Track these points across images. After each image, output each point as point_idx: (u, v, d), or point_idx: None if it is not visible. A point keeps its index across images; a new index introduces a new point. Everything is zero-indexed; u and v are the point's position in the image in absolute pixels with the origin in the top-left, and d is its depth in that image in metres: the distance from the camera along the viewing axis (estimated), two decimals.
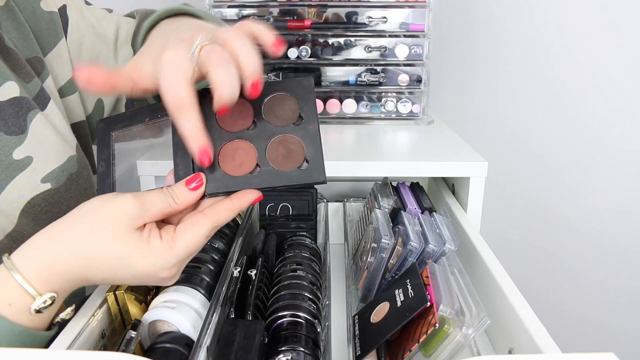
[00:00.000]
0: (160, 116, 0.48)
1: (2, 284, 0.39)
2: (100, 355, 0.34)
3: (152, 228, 0.42)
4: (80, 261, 0.39)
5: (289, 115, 0.46)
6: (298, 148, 0.45)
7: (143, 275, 0.41)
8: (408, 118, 0.87)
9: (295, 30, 0.84)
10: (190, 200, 0.43)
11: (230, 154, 0.45)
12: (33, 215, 0.52)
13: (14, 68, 0.55)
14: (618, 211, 1.12)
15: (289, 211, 0.69)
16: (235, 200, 0.43)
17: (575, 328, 1.22)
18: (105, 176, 0.48)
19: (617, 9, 0.99)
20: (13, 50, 0.55)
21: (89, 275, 0.40)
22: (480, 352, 0.46)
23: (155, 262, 0.40)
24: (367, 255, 0.57)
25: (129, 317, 0.50)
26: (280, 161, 0.45)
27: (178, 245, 0.41)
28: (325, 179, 0.44)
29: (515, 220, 1.17)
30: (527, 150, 1.11)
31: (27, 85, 0.56)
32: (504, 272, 0.51)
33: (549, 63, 1.05)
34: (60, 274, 0.40)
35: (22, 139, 0.52)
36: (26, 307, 0.39)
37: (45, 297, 0.39)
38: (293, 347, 0.44)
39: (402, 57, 0.85)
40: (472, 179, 0.65)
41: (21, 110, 0.53)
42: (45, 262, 0.39)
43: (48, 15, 0.60)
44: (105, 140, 0.49)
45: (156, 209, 0.42)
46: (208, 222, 0.42)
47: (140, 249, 0.40)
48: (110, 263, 0.40)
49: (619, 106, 1.05)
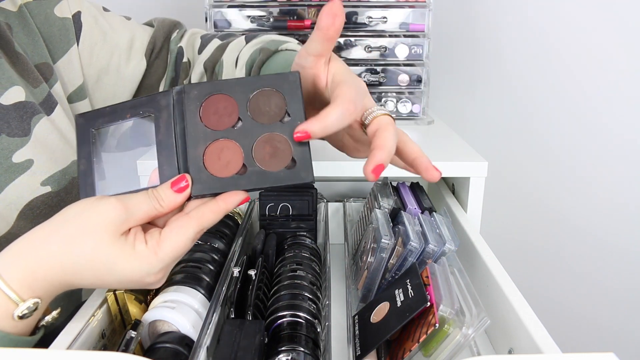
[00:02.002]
0: (141, 113, 0.46)
1: None
2: (100, 355, 0.34)
3: (137, 232, 0.41)
4: (65, 266, 0.39)
5: (275, 112, 0.44)
6: (285, 147, 0.43)
7: (129, 281, 0.40)
8: (408, 118, 0.87)
9: (295, 30, 0.84)
10: (175, 202, 0.42)
11: (216, 153, 0.44)
12: (31, 218, 0.52)
13: (22, 73, 0.55)
14: (618, 211, 1.12)
15: (289, 211, 0.69)
16: (221, 202, 0.43)
17: (575, 328, 1.22)
18: (87, 175, 0.46)
19: (618, 9, 0.99)
20: (22, 56, 0.55)
21: (73, 280, 0.40)
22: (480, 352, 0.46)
23: (141, 267, 0.40)
24: (367, 255, 0.57)
25: (129, 317, 0.50)
26: (267, 160, 0.43)
27: (163, 249, 0.40)
28: (314, 179, 0.43)
29: (515, 220, 1.17)
30: (527, 150, 1.11)
31: (35, 90, 0.56)
32: (504, 272, 0.51)
33: (549, 63, 1.05)
34: (44, 279, 0.39)
35: (24, 141, 0.53)
36: (9, 314, 0.38)
37: (29, 302, 0.38)
38: (293, 347, 0.44)
39: (402, 57, 0.85)
40: (472, 179, 0.65)
41: (25, 114, 0.53)
42: (29, 267, 0.38)
43: (61, 21, 0.60)
44: (85, 137, 0.47)
45: (141, 213, 0.41)
46: (193, 225, 0.41)
47: (125, 255, 0.39)
48: (95, 268, 0.39)
49: (619, 106, 1.05)
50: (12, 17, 0.56)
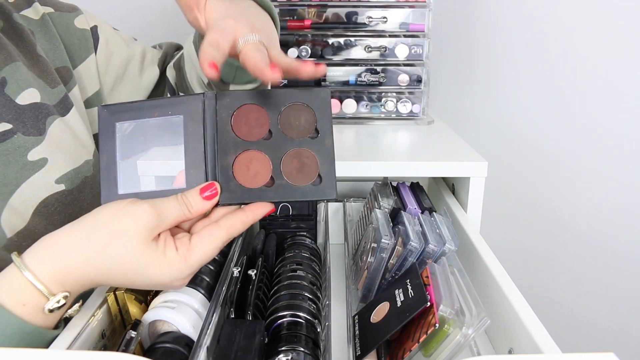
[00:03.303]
0: (170, 113, 0.46)
1: (15, 284, 0.39)
2: (100, 355, 0.34)
3: (167, 238, 0.43)
4: (96, 268, 0.41)
5: (305, 128, 0.46)
6: (312, 163, 0.45)
7: (157, 283, 0.42)
8: (408, 118, 0.87)
9: (295, 30, 0.84)
10: (204, 209, 0.44)
11: (245, 163, 0.45)
12: (46, 215, 0.54)
13: (41, 75, 0.58)
14: (618, 211, 1.12)
15: (289, 211, 0.69)
16: (249, 213, 0.45)
17: (575, 328, 1.22)
18: (110, 169, 0.46)
19: (618, 9, 0.99)
20: (42, 58, 0.59)
21: (102, 280, 0.42)
22: (480, 352, 0.46)
23: (171, 273, 0.42)
24: (367, 255, 0.57)
25: (129, 317, 0.50)
26: (294, 175, 0.45)
27: (193, 257, 0.42)
28: (337, 195, 0.45)
29: (515, 220, 1.16)
30: (527, 150, 1.11)
31: (52, 91, 0.59)
32: (504, 272, 0.51)
33: (549, 63, 1.05)
34: (75, 277, 0.41)
35: (39, 140, 0.54)
36: (40, 307, 0.40)
37: (59, 296, 0.40)
38: (293, 347, 0.44)
39: (402, 57, 0.85)
40: (472, 179, 0.65)
41: (41, 114, 0.55)
42: (61, 266, 0.40)
43: (80, 32, 0.64)
44: (108, 131, 0.47)
45: (171, 219, 0.43)
46: (222, 235, 0.43)
47: (156, 261, 0.41)
48: (126, 272, 0.41)
49: (619, 106, 1.05)
50: (35, 24, 0.60)
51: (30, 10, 0.61)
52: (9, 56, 0.55)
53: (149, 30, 1.03)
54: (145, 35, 0.82)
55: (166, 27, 1.03)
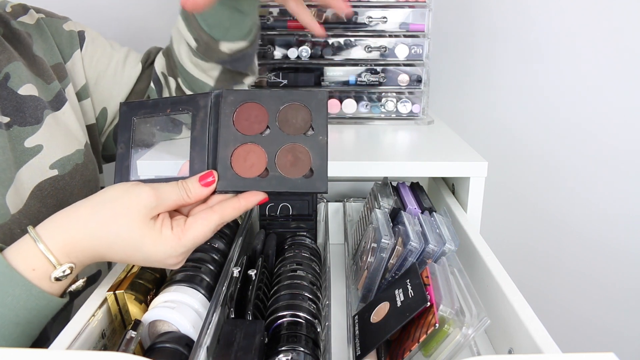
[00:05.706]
0: (181, 109, 0.50)
1: (27, 251, 0.44)
2: (100, 355, 0.34)
3: (164, 218, 0.47)
4: (101, 242, 0.45)
5: (301, 125, 0.49)
6: (306, 158, 0.48)
7: (153, 260, 0.46)
8: (408, 118, 0.87)
9: (295, 30, 0.84)
10: (201, 195, 0.48)
11: (243, 155, 0.48)
12: (40, 198, 0.58)
13: (38, 73, 0.64)
14: (618, 211, 1.12)
15: (289, 211, 0.69)
16: (242, 200, 0.48)
17: (575, 328, 1.22)
18: (124, 158, 0.51)
19: (616, 10, 0.99)
20: (39, 58, 0.65)
21: (105, 254, 0.46)
22: (480, 352, 0.46)
23: (165, 250, 0.45)
24: (367, 255, 0.57)
25: (129, 317, 0.50)
26: (287, 168, 0.48)
27: (186, 236, 0.46)
28: (327, 190, 0.48)
29: (515, 220, 1.16)
30: (527, 150, 1.11)
31: (48, 87, 0.64)
32: (504, 272, 0.51)
33: (549, 63, 1.05)
34: (81, 250, 0.45)
35: (35, 129, 0.60)
36: (47, 274, 0.44)
37: (65, 267, 0.44)
38: (293, 347, 0.44)
39: (402, 57, 0.85)
40: (472, 179, 0.65)
41: (39, 106, 0.61)
42: (70, 239, 0.44)
43: (68, 33, 0.70)
44: (127, 124, 0.51)
45: (170, 201, 0.47)
46: (215, 218, 0.47)
47: (152, 237, 0.45)
48: (125, 246, 0.45)
49: (619, 107, 1.05)
50: (31, 28, 0.67)
51: (27, 17, 0.67)
52: (11, 56, 0.61)
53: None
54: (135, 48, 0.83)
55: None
